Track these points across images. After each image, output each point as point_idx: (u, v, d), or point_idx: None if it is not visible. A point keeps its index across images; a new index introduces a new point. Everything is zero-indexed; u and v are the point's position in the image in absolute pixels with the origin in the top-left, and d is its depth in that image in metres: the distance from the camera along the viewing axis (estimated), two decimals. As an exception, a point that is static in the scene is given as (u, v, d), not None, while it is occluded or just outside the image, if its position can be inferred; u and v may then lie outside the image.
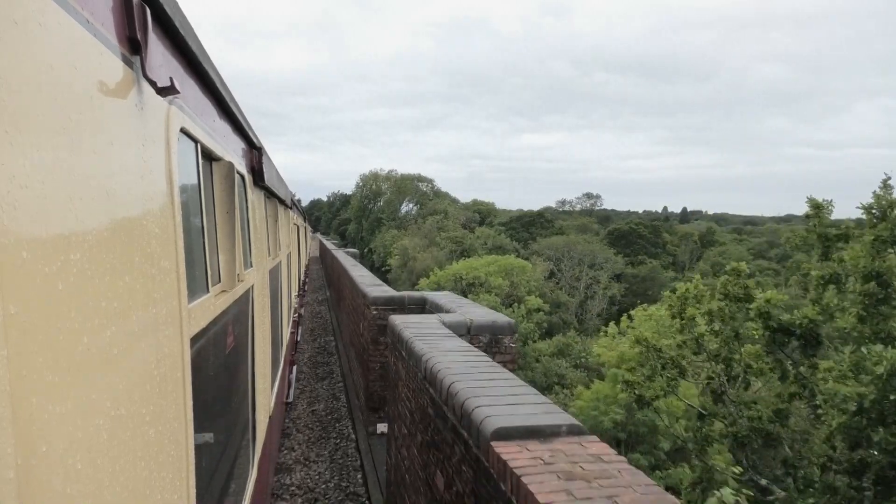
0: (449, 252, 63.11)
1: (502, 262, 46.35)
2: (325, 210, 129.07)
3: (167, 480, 1.53)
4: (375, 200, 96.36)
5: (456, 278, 43.68)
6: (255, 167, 4.14)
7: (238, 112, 3.22)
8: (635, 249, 69.99)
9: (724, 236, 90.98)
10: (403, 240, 68.89)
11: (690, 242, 79.80)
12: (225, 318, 2.75)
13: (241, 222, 3.28)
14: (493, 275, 43.55)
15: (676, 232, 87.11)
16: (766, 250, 79.45)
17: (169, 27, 1.69)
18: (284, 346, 7.76)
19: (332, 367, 12.63)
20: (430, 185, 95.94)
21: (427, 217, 76.75)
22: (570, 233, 71.51)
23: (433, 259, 59.23)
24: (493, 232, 71.21)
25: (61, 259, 0.95)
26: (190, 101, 2.06)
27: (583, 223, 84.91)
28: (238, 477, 3.19)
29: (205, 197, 2.38)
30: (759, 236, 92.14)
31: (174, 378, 1.62)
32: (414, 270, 58.78)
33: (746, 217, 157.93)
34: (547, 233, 73.76)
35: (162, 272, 1.52)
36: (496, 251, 60.33)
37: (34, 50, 0.89)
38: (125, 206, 1.28)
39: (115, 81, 1.26)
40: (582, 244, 62.18)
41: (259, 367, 4.08)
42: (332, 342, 14.89)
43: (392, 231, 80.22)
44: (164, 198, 1.58)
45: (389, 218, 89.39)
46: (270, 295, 5.27)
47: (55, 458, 0.89)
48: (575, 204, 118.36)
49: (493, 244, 65.51)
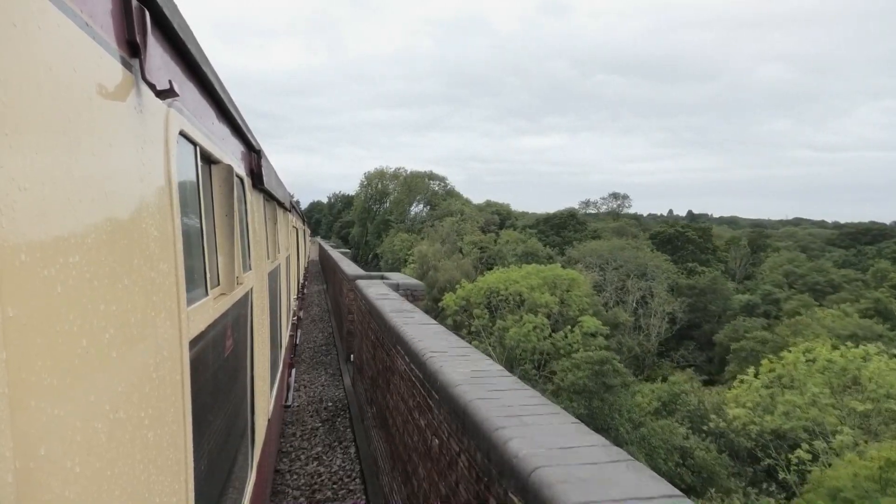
0: (475, 260, 55.75)
1: (547, 274, 38.39)
2: (326, 212, 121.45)
3: (166, 484, 1.53)
4: (381, 201, 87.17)
5: (491, 293, 37.07)
6: (254, 170, 4.14)
7: (237, 114, 3.22)
8: (683, 256, 61.19)
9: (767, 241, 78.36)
10: (421, 244, 59.64)
11: (741, 248, 69.93)
12: (224, 321, 2.75)
13: (240, 225, 3.28)
14: (537, 289, 36.25)
15: (721, 236, 77.68)
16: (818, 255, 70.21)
17: (168, 30, 1.69)
18: (283, 348, 7.75)
19: (325, 325, 18.76)
20: (441, 184, 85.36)
21: (444, 218, 67.65)
22: (608, 236, 63.46)
23: (458, 268, 51.70)
24: (523, 236, 62.83)
25: (60, 262, 0.95)
26: (189, 104, 2.06)
27: (620, 225, 75.52)
28: (237, 480, 3.18)
29: (204, 200, 2.38)
30: (781, 239, 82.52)
31: (173, 381, 1.62)
32: (436, 282, 49.63)
33: (753, 220, 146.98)
34: (580, 236, 65.47)
35: (161, 275, 1.52)
36: (528, 258, 52.90)
37: (33, 52, 0.89)
38: (124, 209, 1.28)
39: (114, 84, 1.26)
40: (628, 250, 53.92)
41: (258, 369, 4.07)
42: (327, 316, 20.66)
43: (402, 234, 71.84)
44: (163, 200, 1.58)
45: (398, 220, 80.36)
46: (269, 298, 5.27)
47: (54, 460, 0.89)
48: (600, 205, 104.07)
49: (525, 250, 57.08)
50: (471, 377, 3.61)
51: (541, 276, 38.21)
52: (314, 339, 16.29)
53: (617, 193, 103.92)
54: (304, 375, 12.15)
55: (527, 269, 40.62)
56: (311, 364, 13.35)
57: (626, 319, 44.32)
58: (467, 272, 50.49)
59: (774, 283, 53.99)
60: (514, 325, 34.14)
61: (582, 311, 36.09)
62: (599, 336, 33.59)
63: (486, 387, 3.38)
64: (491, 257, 56.90)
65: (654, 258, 54.12)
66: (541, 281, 37.33)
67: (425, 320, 5.87)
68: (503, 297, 37.13)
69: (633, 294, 48.94)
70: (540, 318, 33.91)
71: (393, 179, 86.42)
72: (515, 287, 36.52)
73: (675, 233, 65.99)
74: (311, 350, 14.89)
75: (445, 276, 49.91)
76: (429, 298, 47.14)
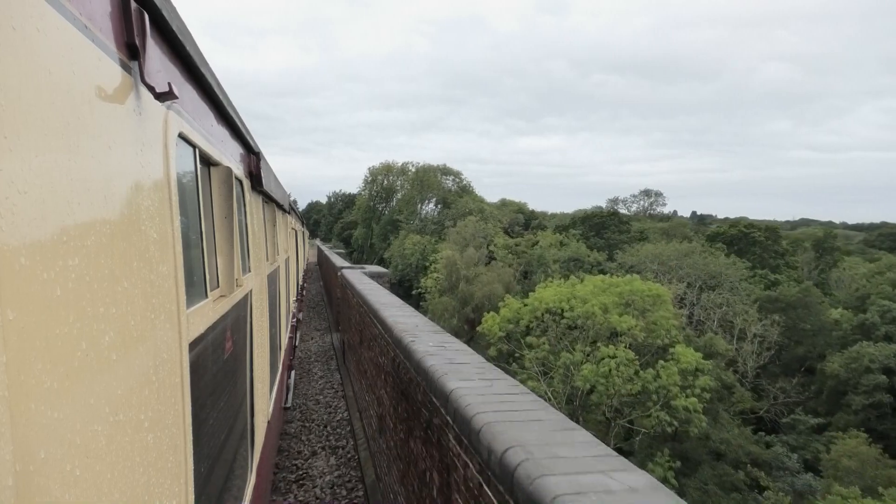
0: (515, 270, 45.77)
1: (623, 289, 28.74)
2: (325, 212, 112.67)
3: (166, 486, 1.52)
4: (388, 199, 77.54)
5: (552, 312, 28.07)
6: (253, 172, 4.14)
7: (236, 117, 3.22)
8: (749, 262, 50.36)
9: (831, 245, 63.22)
10: (445, 249, 49.03)
11: (806, 251, 59.98)
12: (223, 324, 2.75)
13: (240, 227, 3.28)
14: (612, 309, 27.02)
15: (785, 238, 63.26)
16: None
17: (167, 33, 1.69)
18: (283, 350, 7.75)
19: (322, 310, 23.54)
20: (456, 179, 74.53)
21: (465, 217, 56.95)
22: (657, 238, 54.07)
23: (499, 280, 41.33)
24: (565, 238, 52.08)
25: (60, 264, 0.95)
26: (188, 106, 2.06)
27: (671, 226, 65.21)
28: (237, 482, 3.18)
29: (203, 202, 2.38)
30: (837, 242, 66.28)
31: (172, 383, 1.62)
32: (471, 299, 40.01)
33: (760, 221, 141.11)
34: (627, 238, 55.33)
35: (160, 277, 1.52)
36: (572, 265, 44.27)
37: (33, 55, 0.89)
38: (124, 212, 1.28)
39: (113, 87, 1.26)
40: (696, 256, 43.11)
41: (258, 371, 4.07)
42: (323, 303, 25.40)
43: (413, 236, 61.53)
44: (162, 203, 1.58)
45: (408, 220, 70.25)
46: (269, 300, 5.27)
47: (54, 463, 0.89)
48: (630, 203, 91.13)
49: (570, 255, 47.19)
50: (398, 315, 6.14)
51: (615, 290, 28.52)
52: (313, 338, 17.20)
53: (649, 190, 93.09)
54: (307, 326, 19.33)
55: (593, 281, 30.85)
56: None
57: (725, 349, 32.88)
58: (509, 285, 40.84)
59: (882, 294, 40.84)
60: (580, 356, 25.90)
61: (673, 341, 26.88)
62: (700, 374, 24.62)
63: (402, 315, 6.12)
64: (528, 265, 47.22)
65: (729, 266, 42.74)
66: (616, 298, 27.91)
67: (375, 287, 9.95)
68: (573, 320, 27.42)
69: (713, 311, 37.90)
70: (625, 351, 24.88)
71: (400, 175, 76.93)
72: (586, 308, 26.96)
73: (738, 234, 54.50)
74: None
75: (483, 290, 39.82)
76: (460, 319, 40.18)
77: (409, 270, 56.60)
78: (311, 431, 9.09)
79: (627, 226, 60.62)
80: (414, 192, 72.69)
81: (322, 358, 14.41)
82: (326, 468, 7.63)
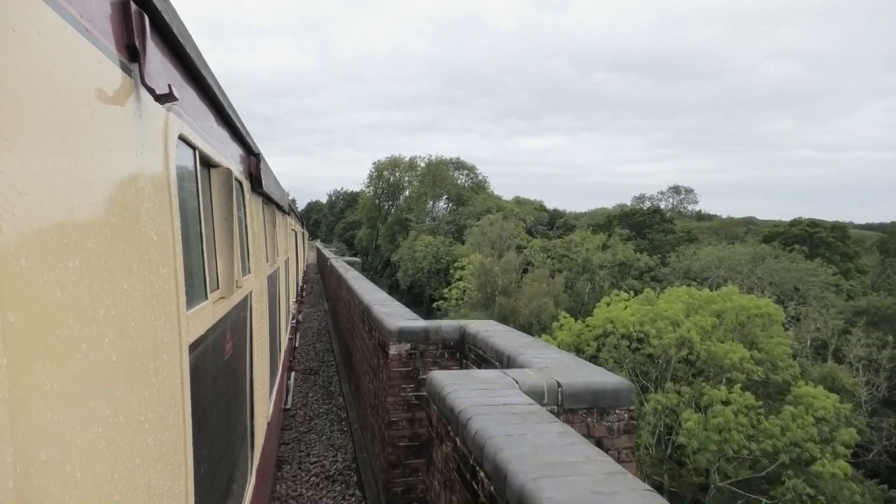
0: (564, 279, 37.65)
1: (721, 306, 21.34)
2: (326, 212, 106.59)
3: (166, 488, 1.52)
4: (395, 197, 70.33)
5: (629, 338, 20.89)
6: (253, 173, 4.14)
7: (236, 118, 3.22)
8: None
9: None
10: (469, 252, 42.18)
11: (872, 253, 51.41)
12: (223, 325, 2.75)
13: (240, 229, 3.28)
14: (712, 332, 20.20)
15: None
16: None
17: (167, 34, 1.70)
18: (283, 352, 7.75)
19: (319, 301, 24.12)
20: (470, 175, 67.84)
21: (486, 216, 49.90)
22: (707, 239, 47.53)
23: (549, 292, 33.48)
24: (615, 240, 44.61)
25: (60, 266, 0.95)
26: (188, 108, 2.07)
27: (721, 225, 57.78)
28: (237, 483, 3.18)
29: (203, 203, 2.38)
30: None
31: (173, 385, 1.62)
32: (514, 314, 31.75)
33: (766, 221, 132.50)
34: (673, 238, 48.32)
35: (160, 279, 1.52)
36: (616, 271, 38.51)
37: (33, 57, 0.89)
38: (124, 213, 1.28)
39: (113, 88, 1.26)
40: (770, 260, 36.28)
41: (257, 373, 4.07)
42: (321, 297, 24.96)
43: (425, 237, 54.97)
44: (162, 204, 1.58)
45: (419, 218, 62.76)
46: (269, 301, 5.27)
47: (54, 465, 0.89)
48: (657, 200, 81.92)
49: (621, 259, 40.63)
50: (373, 297, 7.17)
51: (711, 309, 21.17)
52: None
53: (678, 187, 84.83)
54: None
55: (675, 293, 23.19)
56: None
57: (851, 384, 24.12)
58: (558, 297, 33.82)
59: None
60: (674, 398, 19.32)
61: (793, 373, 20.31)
62: (837, 422, 18.04)
63: (377, 294, 7.28)
64: (571, 270, 40.20)
65: (811, 272, 34.89)
66: (714, 318, 20.77)
67: (357, 275, 11.55)
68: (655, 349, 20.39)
69: (808, 332, 29.03)
70: (742, 395, 17.72)
71: (408, 170, 69.62)
72: (682, 332, 19.82)
73: (802, 233, 45.28)
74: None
75: (530, 305, 32.00)
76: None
77: (422, 275, 51.49)
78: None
79: (671, 224, 52.55)
80: (425, 188, 64.87)
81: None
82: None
